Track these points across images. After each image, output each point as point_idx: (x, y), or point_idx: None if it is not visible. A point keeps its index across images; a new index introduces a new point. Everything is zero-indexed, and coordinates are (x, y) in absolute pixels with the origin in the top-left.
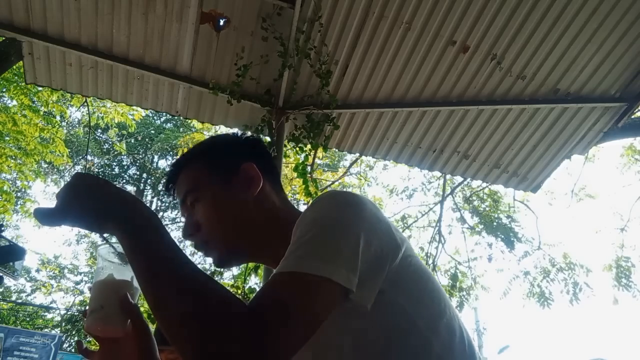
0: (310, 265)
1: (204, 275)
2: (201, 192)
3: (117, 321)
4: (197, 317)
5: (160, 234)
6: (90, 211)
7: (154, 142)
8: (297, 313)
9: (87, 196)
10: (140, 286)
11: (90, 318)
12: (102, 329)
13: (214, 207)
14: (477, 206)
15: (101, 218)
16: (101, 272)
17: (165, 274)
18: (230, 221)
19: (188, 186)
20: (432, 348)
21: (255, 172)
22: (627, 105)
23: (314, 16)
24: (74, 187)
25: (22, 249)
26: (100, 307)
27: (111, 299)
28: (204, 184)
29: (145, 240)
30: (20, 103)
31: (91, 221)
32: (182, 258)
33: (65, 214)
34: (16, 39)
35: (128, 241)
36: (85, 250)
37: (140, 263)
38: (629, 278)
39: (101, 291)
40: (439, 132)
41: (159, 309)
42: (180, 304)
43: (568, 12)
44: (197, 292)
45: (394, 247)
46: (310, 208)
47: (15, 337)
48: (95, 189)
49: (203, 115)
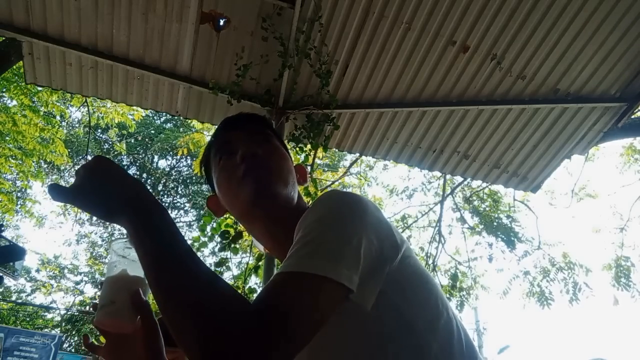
0: (313, 265)
1: (211, 272)
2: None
3: (127, 317)
4: (201, 312)
5: (172, 229)
6: (102, 199)
7: (154, 142)
8: (300, 313)
9: (102, 182)
10: (147, 277)
11: (100, 312)
12: (112, 324)
13: (287, 159)
14: (477, 206)
15: (113, 207)
16: (113, 267)
17: (174, 268)
18: (293, 177)
19: (268, 132)
20: (430, 349)
21: (307, 175)
22: (627, 105)
23: (314, 16)
24: (92, 170)
25: (22, 249)
26: (111, 302)
27: (123, 295)
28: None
29: (157, 234)
30: (20, 103)
31: (102, 209)
32: (191, 254)
33: (77, 195)
34: (16, 39)
35: (138, 233)
36: (85, 250)
37: (149, 256)
38: (628, 278)
39: (113, 286)
40: (439, 132)
41: (166, 300)
42: (187, 298)
43: (568, 12)
44: (205, 287)
45: (394, 248)
46: (312, 208)
47: (15, 337)
48: (112, 176)
49: (203, 115)
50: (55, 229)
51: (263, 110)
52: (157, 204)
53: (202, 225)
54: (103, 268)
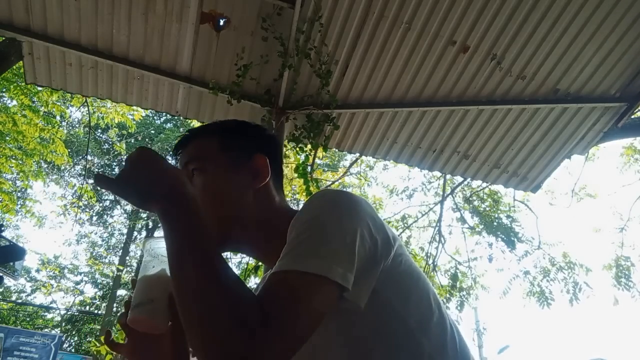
0: (308, 264)
1: (229, 268)
2: (207, 164)
3: (163, 317)
4: (215, 307)
5: (201, 222)
6: (142, 187)
7: (154, 142)
8: (297, 313)
9: (143, 171)
10: (170, 267)
11: (136, 310)
12: (147, 323)
13: (214, 182)
14: (477, 206)
15: (151, 194)
16: (150, 266)
17: (197, 259)
18: (224, 200)
19: (196, 153)
20: (423, 348)
21: (265, 166)
22: (627, 105)
23: (314, 16)
24: (134, 160)
25: (22, 249)
26: (150, 301)
27: (162, 294)
28: (211, 157)
29: (186, 226)
30: (20, 103)
31: (141, 196)
32: (211, 247)
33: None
34: (16, 39)
35: (170, 221)
36: (85, 250)
37: (178, 246)
38: (628, 278)
39: (151, 285)
40: (439, 132)
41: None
42: (203, 294)
43: (568, 12)
44: (223, 285)
45: (388, 246)
46: (305, 207)
47: (15, 337)
48: (152, 165)
49: (203, 115)
50: (55, 229)
51: (263, 110)
52: (189, 195)
53: None
54: (103, 268)
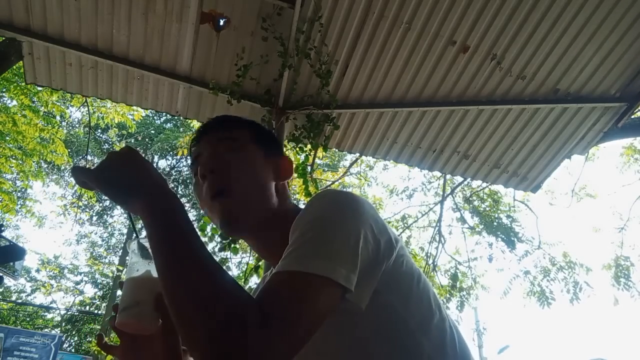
0: (311, 264)
1: (219, 266)
2: (247, 145)
3: (151, 319)
4: (207, 309)
5: (186, 217)
6: (124, 181)
7: (154, 142)
8: (299, 313)
9: (126, 167)
10: (156, 260)
11: (123, 314)
12: (136, 326)
13: (254, 161)
14: (477, 206)
15: (132, 190)
16: (135, 268)
17: (184, 256)
18: (260, 183)
19: (234, 135)
20: (423, 348)
21: (291, 166)
22: (627, 105)
23: (314, 16)
24: (119, 155)
25: (22, 249)
26: (136, 304)
27: (147, 296)
28: (250, 142)
29: (170, 225)
30: (20, 103)
31: (122, 191)
32: (202, 246)
33: (99, 175)
34: (16, 39)
35: (154, 217)
36: (85, 250)
37: (162, 246)
38: (628, 277)
39: (137, 287)
40: (439, 132)
41: (171, 289)
42: (194, 292)
43: (568, 12)
44: (213, 283)
45: (390, 247)
46: (308, 208)
47: (15, 337)
48: (136, 163)
49: (203, 115)
50: (55, 229)
51: (263, 110)
52: (175, 196)
53: (202, 225)
54: (103, 268)
